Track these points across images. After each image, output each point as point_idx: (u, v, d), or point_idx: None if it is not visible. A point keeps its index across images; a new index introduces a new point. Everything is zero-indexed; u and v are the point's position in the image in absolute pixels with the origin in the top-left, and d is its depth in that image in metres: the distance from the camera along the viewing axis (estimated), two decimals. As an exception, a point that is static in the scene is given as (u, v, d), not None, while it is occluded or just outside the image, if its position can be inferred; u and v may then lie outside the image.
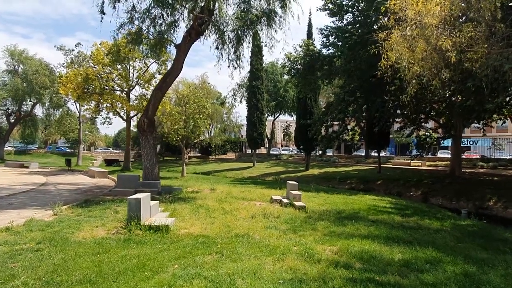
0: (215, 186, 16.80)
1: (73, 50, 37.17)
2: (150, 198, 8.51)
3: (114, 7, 13.16)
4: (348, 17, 24.82)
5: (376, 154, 35.65)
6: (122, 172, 30.71)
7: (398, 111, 27.58)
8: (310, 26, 36.30)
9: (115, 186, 15.73)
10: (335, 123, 31.30)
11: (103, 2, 13.06)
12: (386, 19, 9.42)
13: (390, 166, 37.27)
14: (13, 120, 48.62)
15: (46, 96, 44.07)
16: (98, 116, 36.26)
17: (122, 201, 11.45)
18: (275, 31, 13.56)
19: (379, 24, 12.73)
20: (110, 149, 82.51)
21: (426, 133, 30.29)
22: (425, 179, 26.59)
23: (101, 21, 13.28)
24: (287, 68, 29.63)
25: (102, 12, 13.26)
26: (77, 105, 39.86)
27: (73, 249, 6.13)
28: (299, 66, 28.37)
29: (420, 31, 8.14)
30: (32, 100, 45.99)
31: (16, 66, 44.82)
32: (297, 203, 11.37)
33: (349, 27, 24.04)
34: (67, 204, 10.97)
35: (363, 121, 33.71)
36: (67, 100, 41.39)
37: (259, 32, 13.84)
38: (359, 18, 23.86)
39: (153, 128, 15.92)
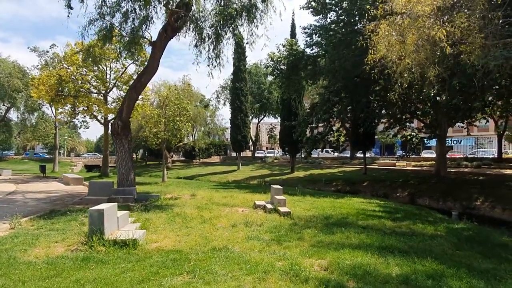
0: (197, 192, 15.94)
1: (47, 51, 35.64)
2: (116, 208, 7.60)
3: (82, 1, 12.14)
4: (332, 16, 24.28)
5: (362, 155, 35.33)
6: (101, 178, 29.44)
7: (383, 111, 27.25)
8: (293, 26, 35.87)
9: (87, 194, 14.65)
10: (320, 124, 30.92)
11: (69, -5, 12.05)
12: (374, 10, 8.80)
13: (376, 167, 37.01)
14: (-15, 126, 46.59)
15: (20, 100, 42.27)
16: (73, 120, 34.77)
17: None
18: (256, 26, 12.84)
19: (367, 16, 12.13)
20: (97, 154, 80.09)
21: (412, 133, 30.02)
22: (411, 179, 26.27)
23: (68, 16, 12.25)
24: (271, 69, 28.95)
25: (69, 7, 12.24)
26: (52, 108, 38.26)
27: (19, 273, 5.20)
28: (282, 66, 27.72)
29: (411, 21, 7.52)
30: (5, 104, 44.10)
31: (-12, 69, 42.87)
32: (281, 209, 10.60)
33: (333, 25, 23.50)
34: (29, 216, 9.92)
35: (348, 121, 33.32)
36: (42, 104, 39.73)
37: (239, 27, 13.06)
38: (343, 16, 23.37)
39: (128, 131, 14.93)
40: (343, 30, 22.96)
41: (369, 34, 9.26)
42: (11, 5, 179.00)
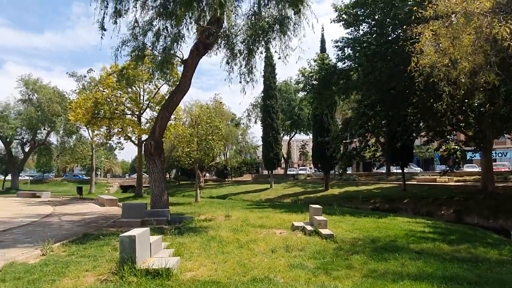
0: (231, 212, 15.36)
1: (85, 76, 37.02)
2: (149, 233, 7.13)
3: (116, 22, 12.18)
4: (364, 27, 23.62)
5: (398, 171, 33.75)
6: (135, 198, 29.61)
7: (421, 124, 25.93)
8: (323, 41, 35.41)
9: (120, 216, 14.44)
10: (354, 140, 29.83)
11: (103, 18, 12.11)
12: (421, 12, 8.06)
13: (415, 183, 35.18)
14: (27, 149, 48.58)
15: (59, 124, 43.91)
16: (109, 141, 35.53)
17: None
18: (290, 38, 12.37)
19: (412, 18, 11.34)
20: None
21: (455, 146, 28.25)
22: (456, 196, 24.52)
23: (101, 37, 12.31)
24: (302, 84, 28.45)
25: (103, 28, 12.30)
26: (89, 131, 39.40)
27: (45, 308, 4.77)
28: (314, 82, 27.13)
29: (466, 19, 6.75)
30: (46, 128, 45.95)
31: (31, 95, 45.11)
32: (323, 231, 9.80)
33: (367, 36, 22.77)
34: (62, 241, 9.67)
35: (383, 136, 32.06)
36: (79, 127, 41.03)
37: (271, 41, 12.64)
38: (376, 28, 22.64)
39: (161, 151, 14.70)
40: (377, 41, 22.20)
41: (410, 40, 8.51)
42: (56, 37, 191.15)
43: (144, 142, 32.85)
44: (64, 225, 14.46)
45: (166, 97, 31.46)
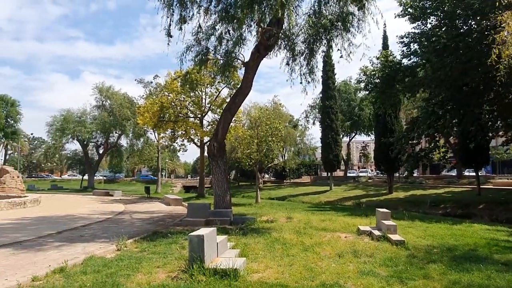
0: (292, 214, 15.17)
1: (151, 82, 39.16)
2: (216, 233, 7.23)
3: (181, 29, 12.68)
4: (432, 21, 22.15)
5: (471, 174, 31.23)
6: (197, 198, 30.62)
7: (499, 123, 23.67)
8: (385, 38, 34.01)
9: (185, 216, 14.95)
10: (419, 140, 28.01)
11: (169, 25, 12.66)
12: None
13: (491, 187, 32.33)
14: (101, 151, 52.59)
15: (128, 127, 46.90)
16: (173, 143, 37.16)
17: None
18: (353, 35, 11.94)
19: (488, 6, 10.36)
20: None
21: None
22: (542, 202, 22.09)
23: (168, 44, 12.86)
24: (363, 83, 27.39)
25: (169, 35, 12.86)
26: (155, 134, 41.59)
27: (122, 302, 5.00)
28: (376, 80, 25.97)
29: None
30: (117, 131, 49.33)
31: (104, 101, 48.74)
32: (393, 237, 9.25)
33: (436, 30, 21.33)
34: (134, 237, 10.21)
35: (454, 136, 29.81)
36: (146, 130, 43.45)
37: (334, 39, 12.27)
38: (446, 20, 21.08)
39: (224, 152, 14.98)
40: (447, 34, 20.65)
41: (487, 31, 7.72)
42: (125, 47, 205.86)
43: (207, 144, 34.03)
44: (135, 222, 15.33)
45: (227, 100, 32.30)
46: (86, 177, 55.61)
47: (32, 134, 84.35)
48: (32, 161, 79.15)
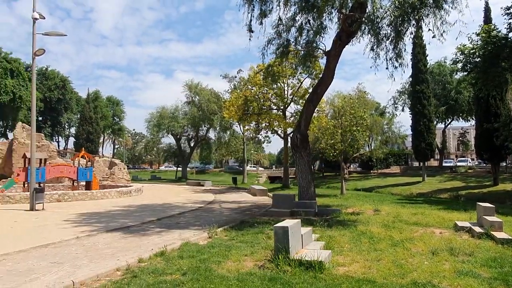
0: (379, 206, 14.58)
1: (235, 76, 40.54)
2: (300, 224, 7.31)
3: (261, 23, 12.95)
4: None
5: None
6: (282, 189, 31.06)
7: None
8: (487, 10, 30.33)
9: (271, 206, 15.31)
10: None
11: (250, 20, 12.97)
12: None
13: None
14: (192, 144, 56.28)
15: (216, 121, 49.32)
16: (258, 135, 38.08)
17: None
18: (447, 12, 10.87)
19: None
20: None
21: None
22: None
23: (249, 39, 13.20)
24: (461, 64, 24.80)
25: (250, 30, 13.18)
26: (240, 126, 43.07)
27: (214, 287, 5.37)
28: (477, 59, 23.31)
29: None
30: (206, 125, 52.22)
31: (193, 97, 51.84)
32: (497, 234, 8.35)
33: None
34: (223, 226, 10.82)
35: None
36: (232, 123, 45.20)
37: (424, 19, 11.34)
38: None
39: (307, 143, 14.95)
40: None
41: None
42: (212, 44, 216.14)
43: (290, 135, 34.20)
44: (223, 211, 16.20)
45: (309, 90, 32.00)
46: (180, 168, 60.14)
47: (134, 129, 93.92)
48: (134, 154, 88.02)
